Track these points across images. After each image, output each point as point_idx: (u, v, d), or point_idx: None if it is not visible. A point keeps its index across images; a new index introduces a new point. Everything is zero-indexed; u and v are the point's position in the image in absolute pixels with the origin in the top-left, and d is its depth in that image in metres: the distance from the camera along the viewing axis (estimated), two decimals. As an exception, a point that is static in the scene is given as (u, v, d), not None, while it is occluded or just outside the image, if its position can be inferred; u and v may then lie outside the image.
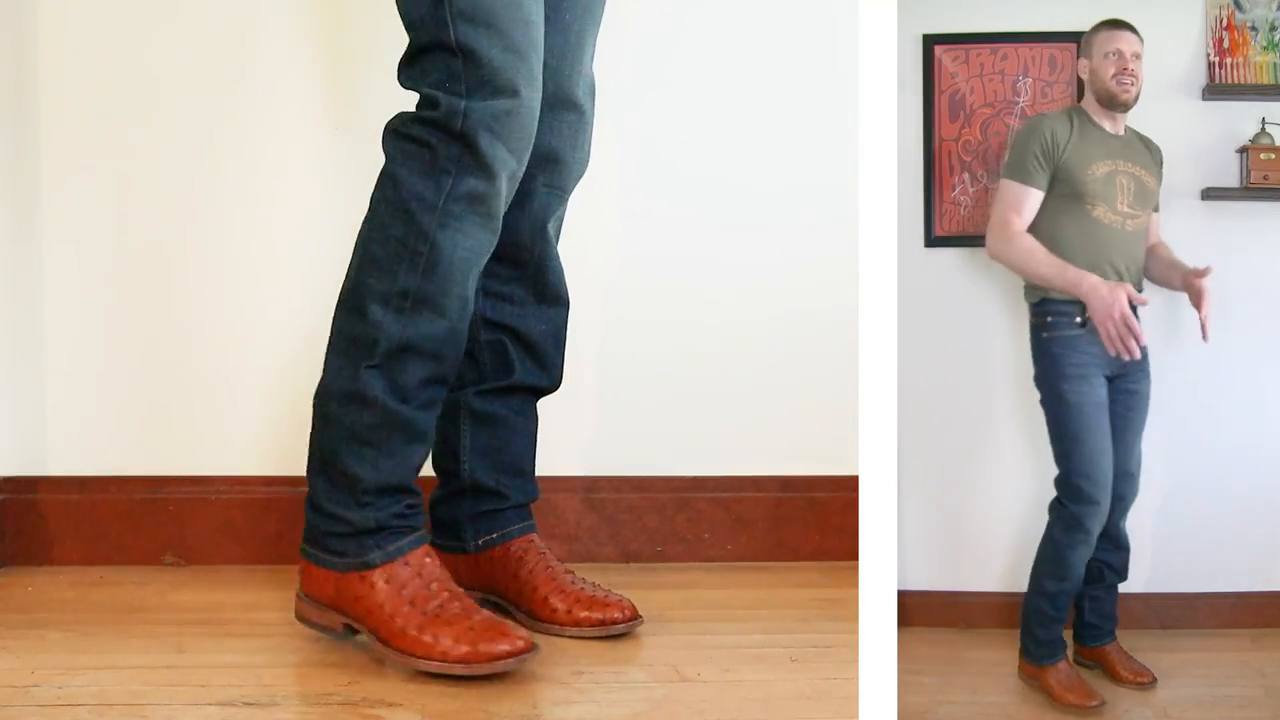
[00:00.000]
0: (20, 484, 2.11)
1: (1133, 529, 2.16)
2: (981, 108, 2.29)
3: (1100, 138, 2.02)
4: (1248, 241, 2.32)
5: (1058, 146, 1.98)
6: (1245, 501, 2.34)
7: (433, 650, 1.56)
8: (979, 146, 2.27)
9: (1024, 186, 1.99)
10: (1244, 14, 2.30)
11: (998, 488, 2.22)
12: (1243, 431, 2.33)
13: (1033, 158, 1.99)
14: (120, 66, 2.11)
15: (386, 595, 1.60)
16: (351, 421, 1.60)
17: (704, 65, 2.23)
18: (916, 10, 2.33)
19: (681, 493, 2.23)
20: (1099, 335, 1.93)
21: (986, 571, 2.34)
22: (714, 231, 2.24)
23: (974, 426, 2.32)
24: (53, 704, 1.44)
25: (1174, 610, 2.34)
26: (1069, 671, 2.02)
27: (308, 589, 1.67)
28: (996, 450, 2.24)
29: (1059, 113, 2.05)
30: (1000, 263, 2.03)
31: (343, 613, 1.64)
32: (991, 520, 2.30)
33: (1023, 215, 1.99)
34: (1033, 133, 2.00)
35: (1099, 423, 1.96)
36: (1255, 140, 2.27)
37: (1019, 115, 2.26)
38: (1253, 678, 2.13)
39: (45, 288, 2.12)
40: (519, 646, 1.56)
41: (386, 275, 1.58)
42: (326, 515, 1.63)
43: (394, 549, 1.62)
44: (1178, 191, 2.29)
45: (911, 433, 2.28)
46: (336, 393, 1.61)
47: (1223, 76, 2.29)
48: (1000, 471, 2.25)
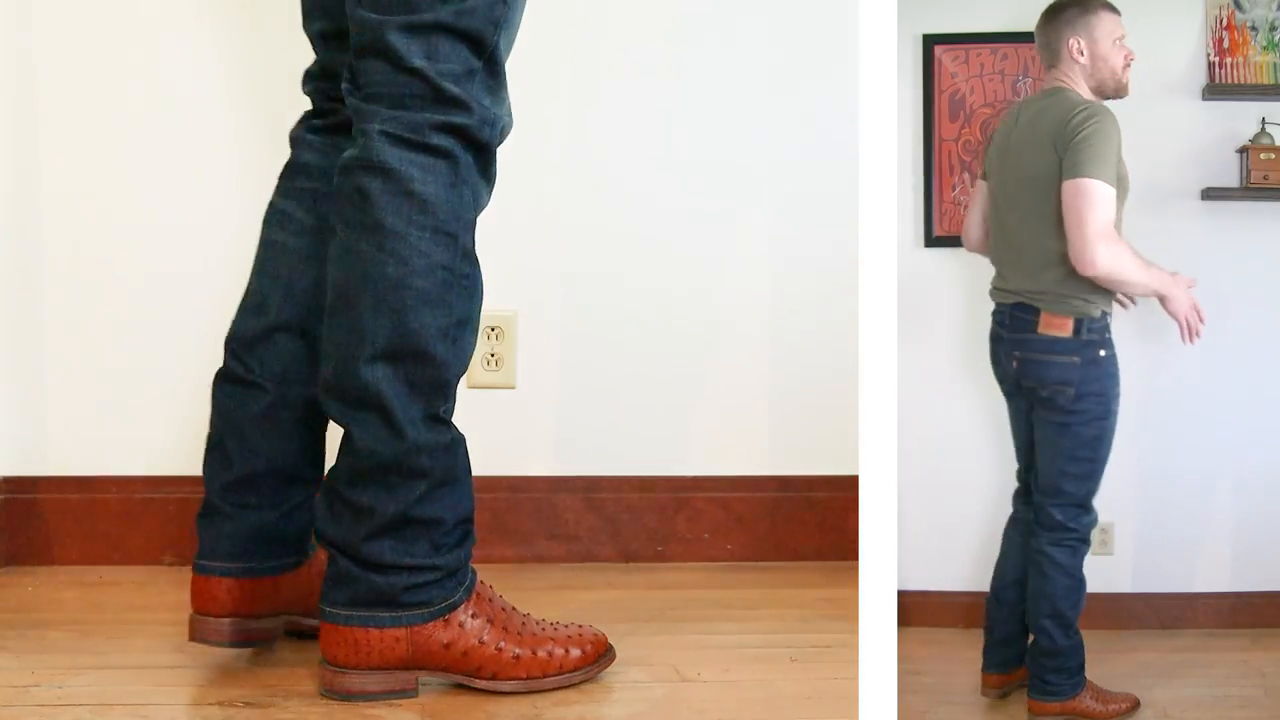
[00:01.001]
0: (20, 484, 2.11)
1: (1133, 529, 2.16)
2: (981, 108, 2.29)
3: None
4: (1247, 241, 2.32)
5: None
6: (1245, 501, 2.34)
7: (550, 665, 1.53)
8: (979, 146, 2.27)
9: (1110, 187, 1.80)
10: (1244, 14, 2.30)
11: (998, 488, 2.22)
12: (1242, 431, 2.33)
13: (1116, 155, 1.82)
14: (120, 65, 2.11)
15: (479, 629, 1.50)
16: (443, 469, 1.47)
17: (703, 66, 2.23)
18: (916, 10, 2.32)
19: (681, 493, 2.23)
20: (1178, 326, 1.90)
21: (987, 571, 2.34)
22: (713, 231, 2.24)
23: (974, 426, 2.32)
24: (53, 704, 1.44)
25: (1174, 610, 2.34)
26: (1092, 685, 1.98)
27: (363, 659, 1.47)
28: (997, 450, 2.24)
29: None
30: (1103, 275, 1.81)
31: (422, 667, 1.50)
32: (992, 520, 2.30)
33: (1114, 219, 1.82)
34: (1114, 128, 1.81)
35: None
36: (1255, 140, 2.27)
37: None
38: (1253, 678, 2.13)
39: (45, 287, 2.12)
40: (601, 636, 1.60)
41: (442, 309, 1.43)
42: (404, 570, 1.46)
43: (471, 580, 1.53)
44: (1178, 191, 2.29)
45: (911, 432, 2.28)
46: (425, 447, 1.45)
47: (1223, 76, 2.29)
48: (1001, 471, 2.25)
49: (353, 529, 1.45)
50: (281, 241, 1.60)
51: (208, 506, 1.57)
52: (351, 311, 1.41)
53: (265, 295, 1.59)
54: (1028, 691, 1.99)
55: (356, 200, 1.41)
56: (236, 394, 1.57)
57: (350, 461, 1.45)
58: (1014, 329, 1.93)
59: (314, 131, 1.63)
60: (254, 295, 1.60)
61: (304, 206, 1.60)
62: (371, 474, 1.44)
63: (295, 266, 1.59)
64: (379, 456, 1.43)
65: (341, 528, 1.46)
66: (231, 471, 1.56)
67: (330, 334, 1.44)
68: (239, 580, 1.56)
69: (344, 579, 1.46)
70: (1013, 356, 1.93)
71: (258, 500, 1.57)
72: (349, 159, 1.43)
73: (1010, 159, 1.94)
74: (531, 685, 1.53)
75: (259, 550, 1.57)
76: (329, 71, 1.61)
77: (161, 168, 2.12)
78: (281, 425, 1.57)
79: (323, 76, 1.63)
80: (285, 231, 1.60)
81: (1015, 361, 1.93)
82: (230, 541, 1.56)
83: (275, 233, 1.61)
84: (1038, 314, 1.91)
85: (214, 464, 1.58)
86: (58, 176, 2.11)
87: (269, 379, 1.57)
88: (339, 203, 1.44)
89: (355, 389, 1.42)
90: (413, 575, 1.46)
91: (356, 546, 1.45)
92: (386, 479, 1.44)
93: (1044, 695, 1.96)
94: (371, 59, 1.42)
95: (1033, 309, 1.91)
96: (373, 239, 1.40)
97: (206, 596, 1.55)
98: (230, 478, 1.56)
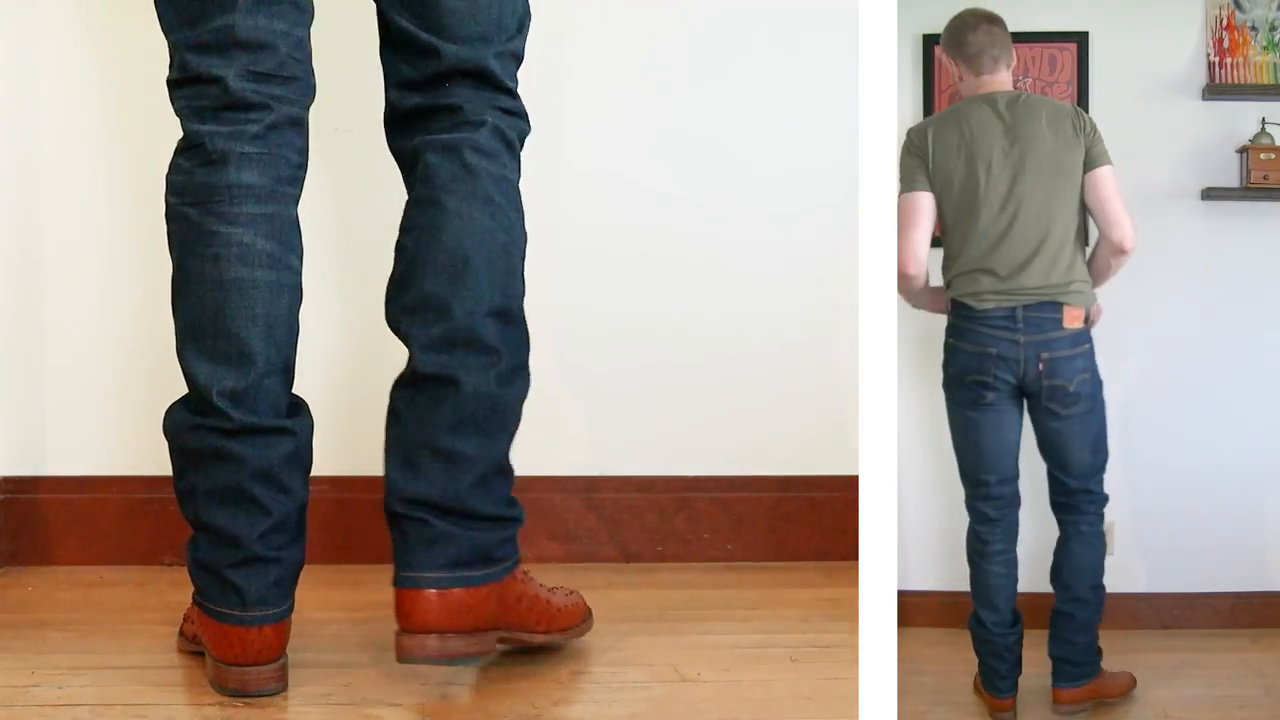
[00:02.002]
0: (20, 484, 2.11)
1: (1133, 529, 2.16)
2: (981, 108, 2.29)
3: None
4: (1248, 241, 2.32)
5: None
6: (1245, 501, 2.34)
7: (573, 615, 1.67)
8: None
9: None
10: (1244, 14, 2.31)
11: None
12: (1242, 431, 2.34)
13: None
14: (120, 64, 2.11)
15: (534, 582, 1.62)
16: (518, 421, 1.58)
17: (703, 66, 2.23)
18: (916, 10, 2.33)
19: (681, 493, 2.23)
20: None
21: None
22: (713, 231, 2.24)
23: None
24: (53, 704, 1.44)
25: (1174, 610, 2.34)
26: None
27: (459, 621, 1.48)
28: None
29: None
30: (1132, 250, 2.00)
31: (502, 624, 1.54)
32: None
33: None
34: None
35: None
36: (1255, 140, 2.27)
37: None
38: (1253, 678, 2.14)
39: (45, 287, 2.12)
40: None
41: (522, 279, 1.58)
42: (500, 522, 1.53)
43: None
44: (1178, 191, 2.29)
45: (912, 432, 2.29)
46: (519, 397, 1.56)
47: (1223, 76, 2.29)
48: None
49: (453, 479, 1.49)
50: (248, 278, 1.47)
51: (249, 555, 1.47)
52: (470, 271, 1.51)
53: (246, 342, 1.47)
54: (1054, 683, 2.01)
55: (466, 176, 1.53)
56: (258, 442, 1.48)
57: (453, 410, 1.50)
58: (1034, 330, 1.93)
59: (256, 141, 1.47)
60: (230, 341, 1.47)
61: (262, 234, 1.48)
62: (485, 421, 1.51)
63: (270, 302, 1.49)
64: (489, 400, 1.51)
65: (436, 482, 1.49)
66: (271, 518, 1.48)
67: (445, 289, 1.50)
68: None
69: (440, 539, 1.48)
70: (1039, 359, 1.94)
71: (286, 540, 1.51)
72: (459, 139, 1.54)
73: (1023, 157, 1.95)
74: (569, 636, 1.65)
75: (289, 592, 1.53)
76: (261, 49, 1.46)
77: (161, 166, 2.12)
78: (307, 461, 1.54)
79: (250, 60, 1.46)
80: (250, 266, 1.47)
81: (1041, 363, 1.93)
82: (278, 587, 1.50)
83: (236, 269, 1.47)
84: (1060, 309, 1.93)
85: (242, 515, 1.47)
86: (58, 177, 2.11)
87: (284, 419, 1.51)
88: (444, 179, 1.53)
89: (476, 339, 1.51)
90: (505, 527, 1.54)
91: (460, 499, 1.49)
92: (489, 425, 1.51)
93: (1071, 681, 2.03)
94: (461, 80, 1.57)
95: (1055, 305, 1.93)
96: (484, 209, 1.53)
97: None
98: (266, 526, 1.48)
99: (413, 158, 1.58)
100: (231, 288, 1.47)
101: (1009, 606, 2.05)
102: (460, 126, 1.56)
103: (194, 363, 1.49)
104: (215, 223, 1.47)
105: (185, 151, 1.51)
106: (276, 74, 1.48)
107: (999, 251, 1.98)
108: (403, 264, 1.55)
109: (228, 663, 1.47)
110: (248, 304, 1.47)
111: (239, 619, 1.47)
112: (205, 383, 1.48)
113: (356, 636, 1.73)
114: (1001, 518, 2.04)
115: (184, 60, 1.48)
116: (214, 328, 1.48)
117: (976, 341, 1.97)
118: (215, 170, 1.47)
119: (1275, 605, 2.35)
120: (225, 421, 1.47)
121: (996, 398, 1.98)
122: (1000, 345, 1.96)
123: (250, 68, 1.46)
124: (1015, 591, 2.05)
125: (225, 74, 1.46)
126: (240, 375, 1.47)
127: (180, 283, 1.51)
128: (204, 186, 1.47)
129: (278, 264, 1.50)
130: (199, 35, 1.46)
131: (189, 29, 1.47)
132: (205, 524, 1.49)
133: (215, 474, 1.48)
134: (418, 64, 1.58)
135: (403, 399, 1.53)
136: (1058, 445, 2.01)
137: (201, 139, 1.47)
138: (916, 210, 2.03)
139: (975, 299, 1.97)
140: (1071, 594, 2.03)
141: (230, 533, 1.47)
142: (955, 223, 2.02)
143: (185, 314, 1.51)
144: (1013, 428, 2.01)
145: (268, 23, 1.46)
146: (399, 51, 1.59)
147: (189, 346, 1.50)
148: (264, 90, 1.47)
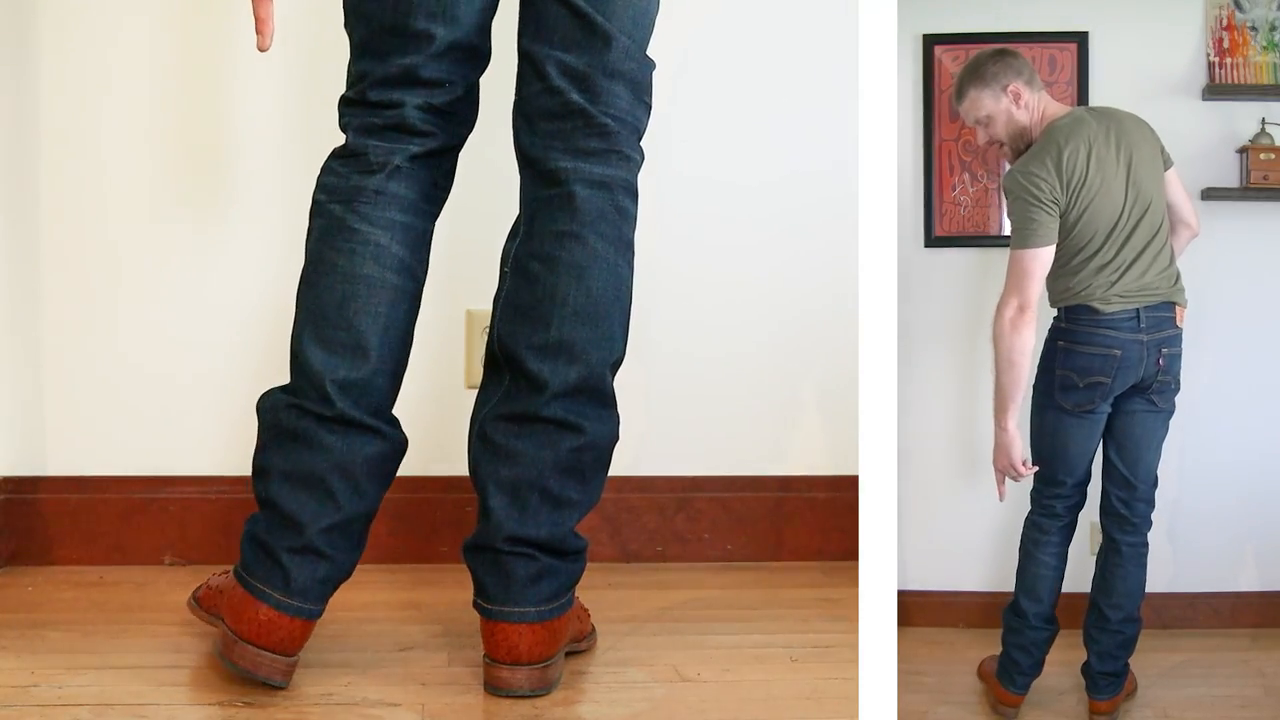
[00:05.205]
0: (20, 484, 2.11)
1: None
2: (981, 108, 2.29)
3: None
4: (1248, 241, 2.32)
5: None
6: (1245, 502, 2.34)
7: (589, 622, 1.75)
8: (979, 147, 2.27)
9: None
10: (1244, 14, 2.31)
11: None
12: (1242, 432, 2.34)
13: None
14: (119, 63, 2.11)
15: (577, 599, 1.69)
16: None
17: (703, 66, 2.23)
18: (916, 10, 2.33)
19: (681, 493, 2.23)
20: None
21: (988, 572, 2.34)
22: (713, 232, 2.24)
23: (974, 426, 2.32)
24: (53, 704, 1.44)
25: (1174, 610, 2.34)
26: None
27: (548, 649, 1.54)
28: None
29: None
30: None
31: (568, 639, 1.62)
32: (992, 521, 2.30)
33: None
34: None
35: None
36: (1255, 140, 2.27)
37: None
38: (1253, 678, 2.14)
39: (44, 287, 2.12)
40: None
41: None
42: (582, 553, 1.60)
43: None
44: (1178, 191, 2.29)
45: (911, 432, 2.29)
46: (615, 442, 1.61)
47: (1223, 76, 2.29)
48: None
49: (560, 522, 1.53)
50: (379, 278, 1.51)
51: (307, 544, 1.48)
52: (607, 321, 1.54)
53: (364, 335, 1.50)
54: (1093, 694, 2.02)
55: (616, 219, 1.55)
56: (349, 436, 1.49)
57: (570, 456, 1.52)
58: (1154, 328, 1.96)
59: (413, 160, 1.53)
60: (350, 333, 1.50)
61: (398, 240, 1.52)
62: (591, 468, 1.55)
63: (394, 305, 1.52)
64: (602, 452, 1.56)
65: (543, 525, 1.52)
66: (340, 513, 1.49)
67: (585, 337, 1.52)
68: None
69: (545, 574, 1.53)
70: (1159, 355, 1.96)
71: (346, 544, 1.52)
72: (611, 176, 1.53)
73: (1133, 163, 1.97)
74: (590, 642, 1.71)
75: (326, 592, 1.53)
76: (438, 87, 1.52)
77: (162, 168, 2.12)
78: (390, 473, 1.55)
79: (428, 95, 1.52)
80: (382, 267, 1.51)
81: (1161, 359, 1.96)
82: (322, 586, 1.51)
83: (369, 267, 1.51)
84: (1174, 309, 1.98)
85: (312, 503, 1.48)
86: (58, 176, 2.11)
87: (382, 422, 1.52)
88: (593, 217, 1.53)
89: (605, 390, 1.55)
90: (584, 556, 1.60)
91: (563, 539, 1.54)
92: (595, 471, 1.56)
93: (1109, 692, 2.03)
94: (622, 82, 1.54)
95: (1170, 305, 1.98)
96: (625, 256, 1.56)
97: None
98: (334, 520, 1.49)
99: (552, 177, 1.53)
100: (361, 283, 1.50)
101: (1051, 600, 2.05)
102: (611, 159, 1.54)
103: (310, 349, 1.51)
104: (358, 220, 1.51)
105: (344, 157, 1.56)
106: (448, 110, 1.55)
107: (1142, 263, 1.97)
108: (533, 292, 1.53)
109: (246, 639, 1.48)
110: (374, 301, 1.51)
111: (276, 602, 1.48)
112: (319, 369, 1.50)
113: (357, 636, 1.74)
114: (1067, 514, 2.06)
115: (366, 90, 1.53)
116: (337, 318, 1.50)
117: (1101, 344, 1.95)
118: (369, 176, 1.52)
119: (1275, 605, 2.35)
120: (326, 409, 1.49)
121: (1104, 404, 1.98)
122: (1126, 347, 1.95)
123: (428, 101, 1.53)
124: (1059, 589, 2.05)
125: (404, 103, 1.52)
126: (353, 367, 1.50)
127: (311, 273, 1.54)
128: (355, 188, 1.52)
129: (407, 271, 1.53)
130: (387, 69, 1.52)
131: (378, 63, 1.52)
132: (273, 503, 1.50)
133: (297, 456, 1.49)
134: (585, 51, 1.52)
135: (512, 434, 1.52)
136: (1140, 441, 2.01)
137: (365, 150, 1.53)
138: (1045, 265, 1.96)
139: (1102, 302, 1.96)
140: (1125, 613, 2.02)
141: (297, 518, 1.48)
142: (1081, 231, 1.97)
143: (310, 302, 1.53)
144: (1099, 435, 2.02)
145: (450, 67, 1.53)
146: (563, 35, 1.52)
147: (308, 332, 1.52)
148: (433, 120, 1.54)
